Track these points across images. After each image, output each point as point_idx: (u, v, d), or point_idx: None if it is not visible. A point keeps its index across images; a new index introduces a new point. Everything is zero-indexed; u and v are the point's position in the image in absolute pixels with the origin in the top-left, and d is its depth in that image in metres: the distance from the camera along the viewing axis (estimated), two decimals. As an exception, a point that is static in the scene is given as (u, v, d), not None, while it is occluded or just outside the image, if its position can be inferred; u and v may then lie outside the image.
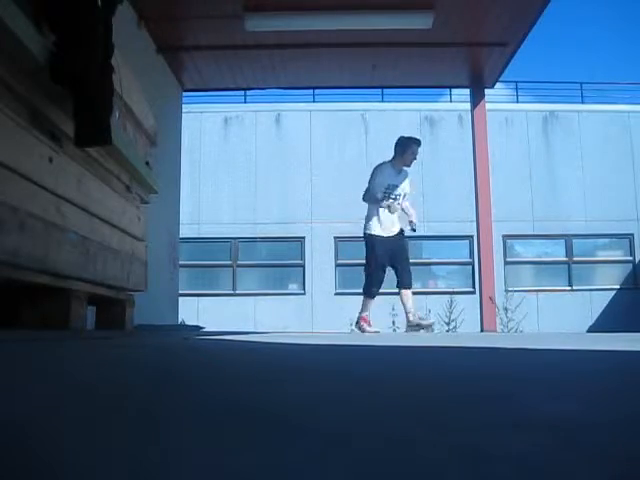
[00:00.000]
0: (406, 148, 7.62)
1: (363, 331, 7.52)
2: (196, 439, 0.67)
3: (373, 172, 7.66)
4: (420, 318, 7.62)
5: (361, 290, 7.81)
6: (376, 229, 7.53)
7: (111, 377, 1.39)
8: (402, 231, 7.66)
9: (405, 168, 7.70)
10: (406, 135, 7.89)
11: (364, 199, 7.70)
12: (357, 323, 7.70)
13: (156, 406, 0.92)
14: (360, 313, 7.68)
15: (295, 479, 0.53)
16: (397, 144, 7.72)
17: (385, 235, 7.51)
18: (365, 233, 7.66)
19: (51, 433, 0.70)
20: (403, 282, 7.51)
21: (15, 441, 0.65)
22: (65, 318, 3.52)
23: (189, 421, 0.79)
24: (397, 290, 7.57)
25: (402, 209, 7.73)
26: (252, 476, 0.53)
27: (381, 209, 7.49)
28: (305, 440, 0.68)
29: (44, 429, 0.72)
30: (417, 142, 7.74)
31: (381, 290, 7.69)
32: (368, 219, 7.62)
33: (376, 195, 7.49)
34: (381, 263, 7.54)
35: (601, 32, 53.40)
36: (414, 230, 7.72)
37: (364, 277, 7.79)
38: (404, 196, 7.69)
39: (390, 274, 7.61)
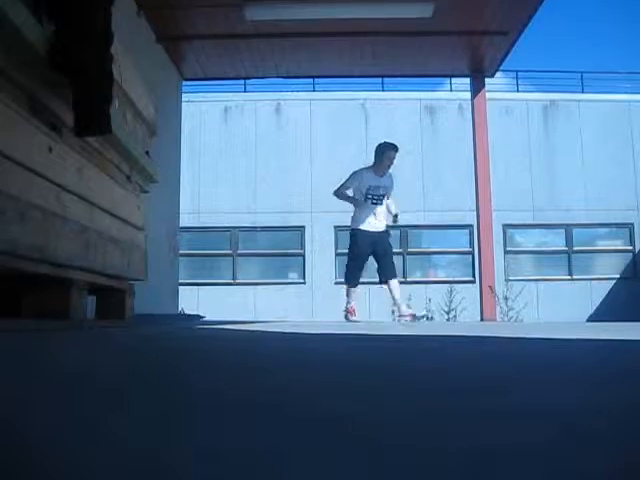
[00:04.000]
0: (382, 154, 7.83)
1: (348, 320, 7.82)
2: (196, 429, 0.67)
3: (350, 176, 7.96)
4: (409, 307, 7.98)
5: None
6: (359, 224, 7.80)
7: (111, 367, 1.40)
8: (387, 229, 7.98)
9: (390, 171, 7.95)
10: (386, 141, 8.07)
11: (334, 193, 8.07)
12: (346, 311, 8.02)
13: (156, 396, 0.92)
14: (347, 304, 7.99)
15: (291, 469, 0.53)
16: (375, 151, 7.95)
17: (369, 230, 7.78)
18: (350, 227, 7.99)
19: (49, 425, 0.70)
20: (386, 274, 7.79)
21: (14, 434, 0.65)
22: (65, 308, 3.52)
23: (188, 410, 0.79)
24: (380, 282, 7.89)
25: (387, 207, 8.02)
26: (249, 465, 0.53)
27: (363, 207, 7.78)
28: (302, 428, 0.68)
29: (42, 422, 0.72)
30: (394, 148, 7.89)
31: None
32: (354, 214, 7.91)
33: (345, 195, 7.95)
34: (360, 255, 7.86)
35: (602, 21, 53.22)
36: (396, 222, 8.02)
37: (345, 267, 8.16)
38: (386, 196, 7.95)
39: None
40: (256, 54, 9.57)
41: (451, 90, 16.55)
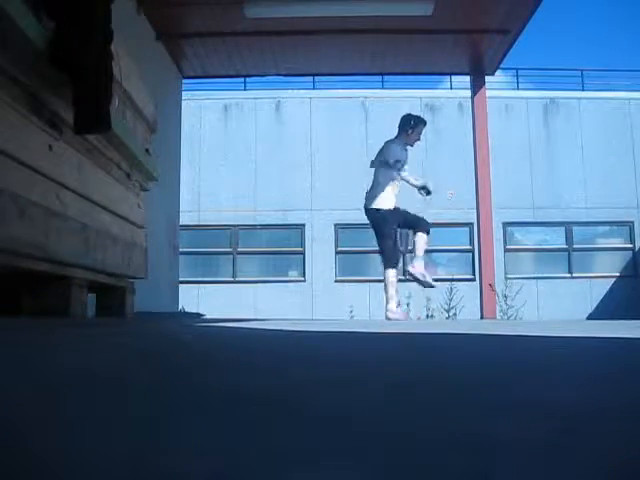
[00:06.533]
0: (415, 127, 7.46)
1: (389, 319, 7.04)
2: (196, 426, 0.67)
3: (390, 148, 7.40)
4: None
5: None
6: (386, 204, 7.28)
7: (110, 365, 1.40)
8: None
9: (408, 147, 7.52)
10: (417, 115, 7.71)
11: (401, 176, 7.46)
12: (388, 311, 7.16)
13: (156, 392, 0.92)
14: (391, 299, 7.18)
15: (294, 463, 0.53)
16: (405, 121, 7.54)
17: (393, 207, 7.36)
18: (374, 209, 7.30)
19: (47, 423, 0.70)
20: (421, 226, 7.56)
21: (12, 429, 0.65)
22: (65, 306, 3.52)
23: (189, 407, 0.79)
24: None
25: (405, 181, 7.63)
26: (251, 460, 0.53)
27: (390, 185, 7.31)
28: (304, 424, 0.68)
29: (40, 418, 0.72)
30: (425, 123, 7.60)
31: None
32: (378, 194, 7.30)
33: (394, 172, 7.33)
34: (394, 232, 7.36)
35: (602, 19, 53.20)
36: (429, 193, 7.76)
37: (382, 254, 7.39)
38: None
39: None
40: (256, 52, 9.57)
41: (451, 88, 16.56)
